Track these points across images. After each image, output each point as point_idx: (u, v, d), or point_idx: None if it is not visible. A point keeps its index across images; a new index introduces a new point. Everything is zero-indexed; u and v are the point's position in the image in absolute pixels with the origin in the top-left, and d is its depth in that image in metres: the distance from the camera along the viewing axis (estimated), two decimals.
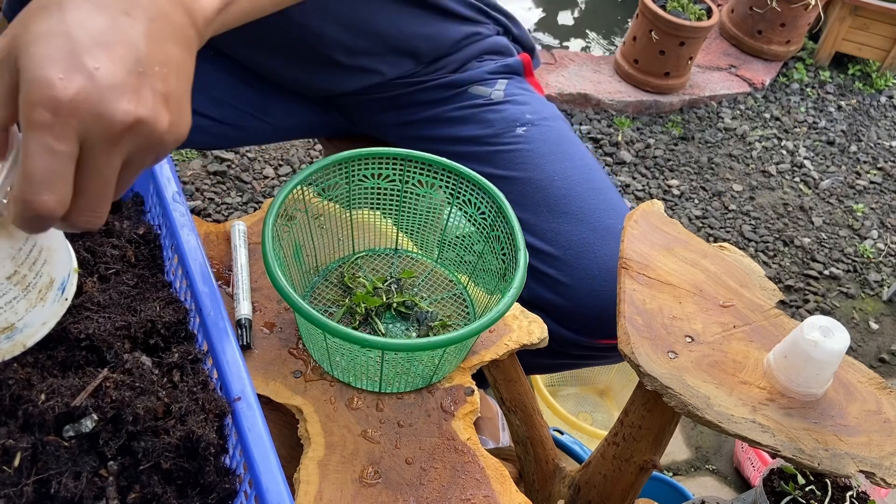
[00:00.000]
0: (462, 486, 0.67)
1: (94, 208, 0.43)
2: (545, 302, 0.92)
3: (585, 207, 0.93)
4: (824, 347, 0.63)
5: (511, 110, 1.00)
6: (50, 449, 0.46)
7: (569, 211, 0.93)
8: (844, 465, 0.61)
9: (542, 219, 0.93)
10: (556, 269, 0.91)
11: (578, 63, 2.55)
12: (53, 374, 0.50)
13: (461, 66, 1.03)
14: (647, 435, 0.74)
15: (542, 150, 0.97)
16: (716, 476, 1.57)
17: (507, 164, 0.97)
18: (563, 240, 0.91)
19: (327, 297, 0.83)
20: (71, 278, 0.53)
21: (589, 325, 0.90)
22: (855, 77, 2.88)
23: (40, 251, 0.49)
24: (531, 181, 0.95)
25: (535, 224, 0.93)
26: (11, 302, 0.48)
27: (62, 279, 0.52)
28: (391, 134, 1.08)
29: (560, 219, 0.92)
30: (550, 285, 0.91)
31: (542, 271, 0.92)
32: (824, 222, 2.25)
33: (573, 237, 0.91)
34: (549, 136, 0.99)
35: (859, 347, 1.91)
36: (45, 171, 0.39)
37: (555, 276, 0.91)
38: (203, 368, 0.55)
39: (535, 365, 1.02)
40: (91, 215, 0.43)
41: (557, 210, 0.93)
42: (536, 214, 0.93)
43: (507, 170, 0.96)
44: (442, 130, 1.03)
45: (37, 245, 0.48)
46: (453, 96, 1.03)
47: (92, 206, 0.43)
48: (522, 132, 0.98)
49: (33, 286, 0.49)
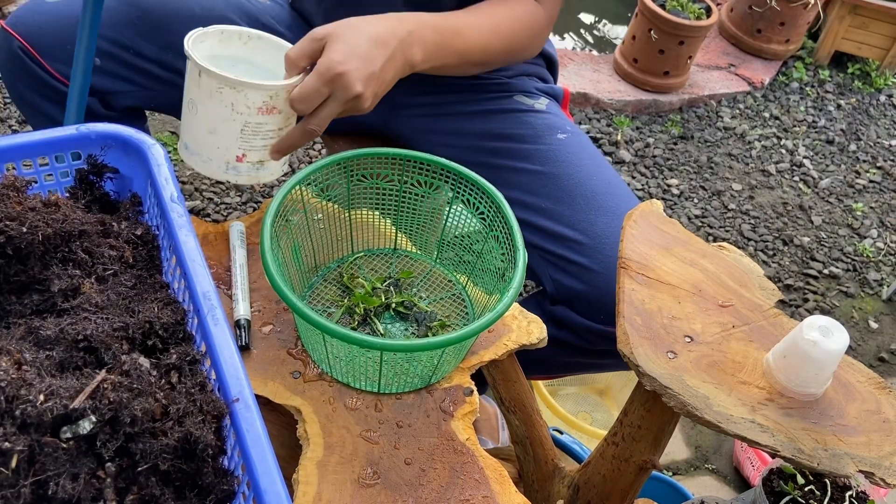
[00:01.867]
0: (461, 487, 0.67)
1: (319, 125, 0.80)
2: (571, 293, 0.95)
3: (622, 206, 0.97)
4: (823, 347, 0.63)
5: (552, 119, 1.07)
6: (48, 450, 0.46)
7: (604, 205, 0.97)
8: (844, 465, 0.61)
9: (577, 209, 0.97)
10: (586, 257, 0.94)
11: (578, 62, 2.55)
12: (52, 375, 0.50)
13: (512, 76, 1.11)
14: (647, 435, 0.74)
15: (580, 154, 1.03)
16: (715, 476, 1.57)
17: (545, 161, 1.02)
18: (597, 229, 0.95)
19: (326, 298, 0.82)
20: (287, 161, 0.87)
21: (612, 313, 0.91)
22: (854, 76, 2.88)
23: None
24: (569, 176, 1.00)
25: (569, 215, 0.97)
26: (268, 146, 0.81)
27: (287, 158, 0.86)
28: (415, 125, 1.11)
29: (595, 211, 0.97)
30: (577, 274, 0.94)
31: (571, 259, 0.95)
32: (824, 221, 2.25)
33: (607, 227, 0.95)
34: (586, 147, 1.06)
35: (859, 347, 1.91)
36: (310, 93, 0.77)
37: (584, 264, 0.93)
38: (201, 370, 0.55)
39: (553, 364, 1.04)
40: (315, 126, 0.80)
41: (593, 204, 0.98)
42: (571, 206, 0.98)
43: (545, 166, 1.01)
44: (479, 125, 1.07)
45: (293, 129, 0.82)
46: (499, 98, 1.08)
47: (318, 122, 0.80)
48: (562, 137, 1.05)
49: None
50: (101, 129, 0.69)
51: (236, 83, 0.75)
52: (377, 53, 0.80)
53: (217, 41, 0.84)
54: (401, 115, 1.12)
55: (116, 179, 0.71)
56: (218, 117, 0.77)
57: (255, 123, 0.78)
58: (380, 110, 1.15)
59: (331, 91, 0.78)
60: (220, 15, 1.03)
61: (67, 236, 0.60)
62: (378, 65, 0.80)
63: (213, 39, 0.83)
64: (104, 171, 0.70)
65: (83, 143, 0.69)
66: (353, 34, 0.79)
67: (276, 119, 0.79)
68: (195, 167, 0.82)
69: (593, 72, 2.51)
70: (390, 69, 0.82)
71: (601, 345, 0.95)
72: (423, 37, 0.86)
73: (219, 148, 0.80)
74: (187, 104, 0.80)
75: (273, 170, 0.84)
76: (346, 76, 0.76)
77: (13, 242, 0.56)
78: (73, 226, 0.60)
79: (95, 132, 0.69)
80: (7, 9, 1.97)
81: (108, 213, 0.68)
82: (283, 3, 1.13)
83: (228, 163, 0.81)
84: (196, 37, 0.80)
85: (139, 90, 1.01)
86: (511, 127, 1.06)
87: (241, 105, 0.77)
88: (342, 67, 0.76)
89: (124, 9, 0.98)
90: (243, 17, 1.06)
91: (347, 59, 0.77)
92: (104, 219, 0.65)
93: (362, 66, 0.78)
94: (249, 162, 0.81)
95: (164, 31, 0.99)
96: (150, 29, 0.99)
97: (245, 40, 0.86)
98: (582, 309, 0.94)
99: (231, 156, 0.80)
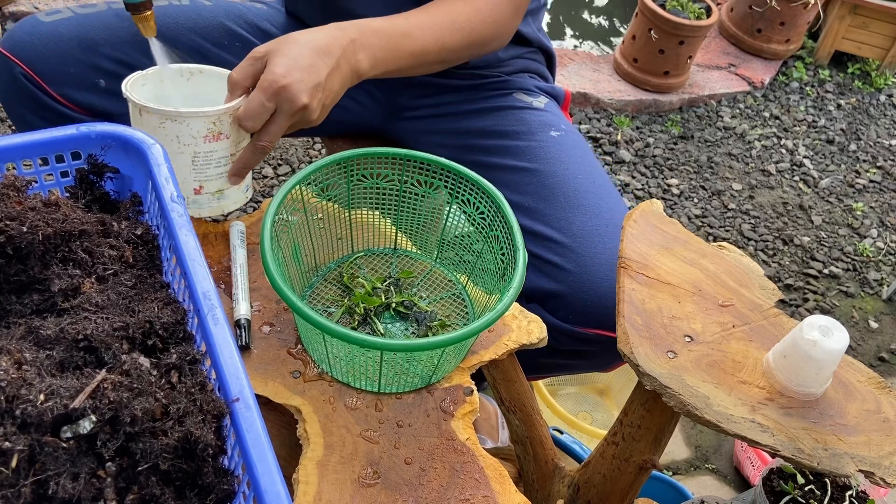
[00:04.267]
0: (461, 487, 0.67)
1: (269, 140, 0.79)
2: (543, 292, 0.94)
3: (602, 205, 0.97)
4: (823, 347, 0.63)
5: (549, 117, 1.07)
6: (48, 450, 0.46)
7: (585, 204, 0.97)
8: (844, 465, 0.61)
9: (557, 208, 0.97)
10: (561, 257, 0.94)
11: (578, 62, 2.55)
12: (52, 374, 0.50)
13: (512, 73, 1.10)
14: (647, 434, 0.74)
15: (570, 152, 1.03)
16: (715, 475, 1.57)
17: (534, 158, 1.02)
18: (575, 228, 0.95)
19: (326, 297, 0.82)
20: (250, 185, 0.87)
21: (582, 314, 0.92)
22: (854, 76, 2.88)
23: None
24: (554, 174, 1.00)
25: (549, 213, 0.97)
26: (224, 174, 0.80)
27: (248, 182, 0.86)
28: (415, 127, 1.12)
29: (575, 210, 0.97)
30: (552, 274, 0.94)
31: (546, 259, 0.94)
32: (824, 221, 2.25)
33: (584, 226, 0.95)
34: (578, 145, 1.05)
35: (859, 346, 1.91)
36: (256, 109, 0.76)
37: (559, 264, 0.93)
38: (201, 369, 0.55)
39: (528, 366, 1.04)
40: (265, 142, 0.80)
41: (574, 202, 0.97)
42: (552, 204, 0.97)
43: (533, 162, 1.01)
44: (476, 122, 1.07)
45: (244, 149, 0.81)
46: (498, 96, 1.08)
47: (268, 138, 0.79)
48: (555, 135, 1.04)
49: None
50: (101, 128, 0.69)
51: (176, 114, 0.74)
52: (320, 63, 0.79)
53: (159, 82, 0.84)
54: (402, 118, 1.12)
55: (116, 179, 0.71)
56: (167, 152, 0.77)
57: (204, 152, 0.78)
58: (380, 114, 1.16)
59: (276, 105, 0.77)
60: (219, 24, 1.03)
61: (67, 236, 0.60)
62: (322, 75, 0.79)
63: (153, 82, 0.83)
64: (104, 171, 0.70)
65: (83, 143, 0.69)
66: (294, 47, 0.79)
67: (225, 144, 0.79)
68: None
69: (593, 71, 2.51)
70: (336, 78, 0.82)
71: (569, 345, 0.95)
72: (367, 43, 0.85)
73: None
74: None
75: (236, 198, 0.84)
76: (289, 88, 0.76)
77: (13, 242, 0.56)
78: (73, 225, 0.60)
79: (95, 132, 0.69)
80: (7, 8, 1.97)
81: (108, 212, 0.68)
82: (279, 7, 1.13)
83: (188, 197, 0.80)
84: (134, 80, 0.79)
85: None
86: (506, 124, 1.06)
87: (187, 136, 0.76)
88: (285, 80, 0.76)
89: (125, 25, 0.97)
90: (242, 25, 1.06)
91: (289, 71, 0.76)
92: (104, 218, 0.65)
93: (306, 77, 0.77)
94: (209, 193, 0.81)
95: (168, 45, 0.99)
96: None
97: (188, 76, 0.86)
98: (553, 308, 0.94)
99: (188, 189, 0.79)
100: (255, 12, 1.09)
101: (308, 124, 0.81)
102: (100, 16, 0.97)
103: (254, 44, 1.06)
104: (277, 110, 0.78)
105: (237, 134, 0.80)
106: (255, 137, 0.80)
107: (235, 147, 0.80)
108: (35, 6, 2.00)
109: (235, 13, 1.06)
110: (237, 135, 0.80)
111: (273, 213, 0.72)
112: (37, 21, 0.95)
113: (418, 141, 1.11)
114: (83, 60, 0.94)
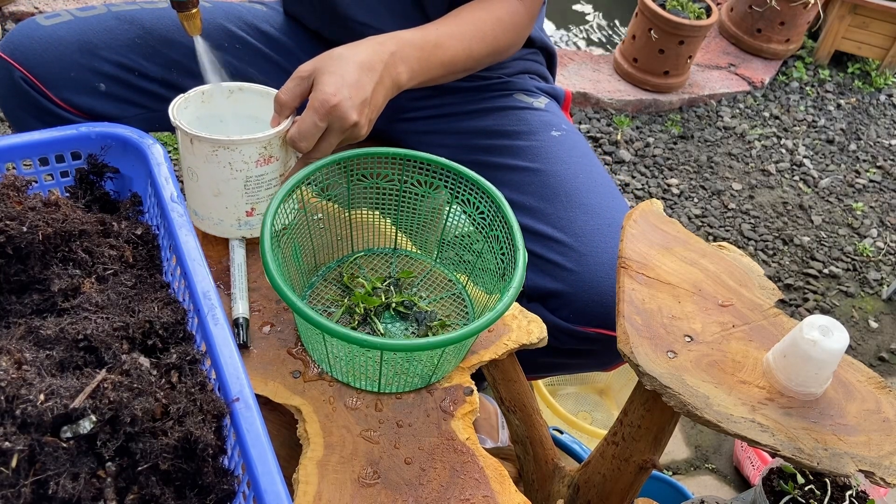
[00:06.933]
0: (461, 486, 0.67)
1: (320, 157, 0.81)
2: (544, 292, 0.94)
3: (603, 204, 0.98)
4: (823, 347, 0.63)
5: (549, 118, 1.08)
6: (48, 450, 0.46)
7: (586, 203, 0.97)
8: (844, 465, 0.61)
9: (558, 207, 0.97)
10: (563, 256, 0.94)
11: (577, 62, 2.55)
12: (52, 374, 0.50)
13: (512, 74, 1.11)
14: (647, 434, 0.74)
15: (571, 152, 1.03)
16: (715, 475, 1.57)
17: (536, 157, 1.02)
18: (576, 228, 0.95)
19: (326, 297, 0.82)
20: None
21: (584, 313, 0.92)
22: (854, 75, 2.88)
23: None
24: (555, 174, 1.00)
25: (551, 212, 0.97)
26: (273, 192, 0.81)
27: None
28: (416, 128, 1.12)
29: (576, 210, 0.97)
30: (553, 273, 0.94)
31: (548, 258, 0.95)
32: (824, 221, 2.25)
33: (586, 226, 0.95)
34: (579, 145, 1.06)
35: (859, 346, 1.91)
36: (309, 129, 0.78)
37: (560, 263, 0.94)
38: (201, 369, 0.55)
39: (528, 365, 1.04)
40: (318, 157, 0.81)
41: (575, 202, 0.98)
42: (553, 203, 0.98)
43: (534, 162, 1.02)
44: (477, 123, 1.08)
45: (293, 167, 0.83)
46: (499, 96, 1.09)
47: (318, 156, 0.81)
48: (556, 135, 1.05)
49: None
50: (101, 128, 0.69)
51: (229, 143, 0.75)
52: (366, 79, 0.81)
53: (200, 103, 0.84)
54: (403, 119, 1.12)
55: (116, 179, 0.71)
56: (219, 179, 0.78)
57: (256, 176, 0.79)
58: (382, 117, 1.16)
59: (328, 124, 0.78)
60: (218, 25, 1.03)
61: (67, 236, 0.60)
62: (369, 90, 0.81)
63: (195, 102, 0.83)
64: (104, 171, 0.70)
65: (83, 143, 0.69)
66: (340, 64, 0.80)
67: (276, 166, 0.80)
68: (208, 231, 0.83)
69: (593, 71, 2.51)
70: (380, 92, 0.84)
71: (570, 344, 0.95)
72: (405, 55, 0.87)
73: (227, 208, 0.80)
74: (186, 172, 0.80)
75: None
76: (340, 107, 0.77)
77: (13, 242, 0.56)
78: (73, 225, 0.60)
79: (95, 132, 0.69)
80: (7, 8, 1.97)
81: (108, 212, 0.68)
82: (278, 8, 1.13)
83: (240, 220, 0.81)
84: (178, 104, 0.79)
85: (144, 112, 1.01)
86: (507, 123, 1.06)
87: (239, 162, 0.77)
88: (336, 99, 0.77)
89: (125, 28, 0.97)
90: (242, 26, 1.06)
91: (339, 89, 0.78)
92: (104, 218, 0.65)
93: (354, 94, 0.79)
94: (260, 213, 0.82)
95: (167, 48, 0.99)
96: (152, 48, 0.98)
97: (227, 94, 0.86)
98: (554, 307, 0.94)
99: (241, 212, 0.81)
100: (255, 14, 1.09)
101: (356, 139, 0.83)
102: (99, 19, 0.97)
103: (253, 45, 1.06)
104: (329, 128, 0.79)
105: (286, 154, 0.81)
106: (305, 155, 0.81)
107: (284, 167, 0.82)
108: (35, 6, 2.00)
109: (234, 14, 1.06)
110: (286, 155, 0.81)
111: (273, 213, 0.72)
112: (36, 25, 0.95)
113: (419, 141, 1.11)
114: (83, 64, 0.94)
